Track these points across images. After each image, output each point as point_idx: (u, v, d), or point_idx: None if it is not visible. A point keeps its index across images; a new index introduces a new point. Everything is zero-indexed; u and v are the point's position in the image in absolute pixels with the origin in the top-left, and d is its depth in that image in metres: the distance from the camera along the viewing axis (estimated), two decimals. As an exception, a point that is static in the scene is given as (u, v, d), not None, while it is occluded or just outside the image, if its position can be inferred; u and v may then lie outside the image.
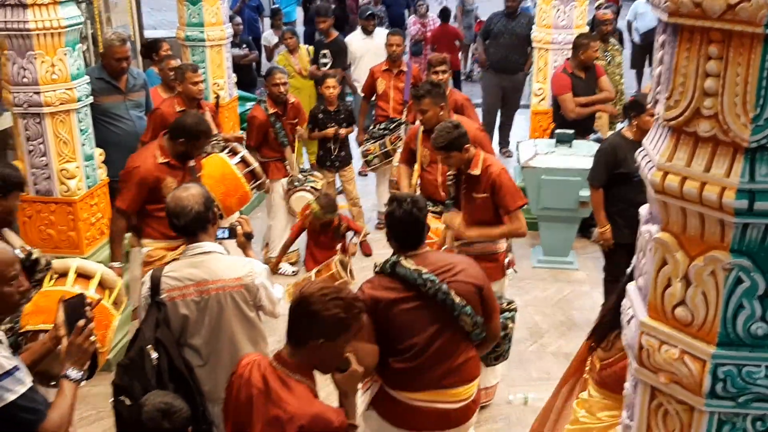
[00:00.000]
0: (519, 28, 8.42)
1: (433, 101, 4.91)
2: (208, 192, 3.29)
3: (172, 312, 3.17)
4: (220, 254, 3.26)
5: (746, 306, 1.67)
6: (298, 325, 2.55)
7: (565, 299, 5.98)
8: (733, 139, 1.59)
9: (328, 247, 5.26)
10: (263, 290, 3.24)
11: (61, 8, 4.65)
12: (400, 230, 3.23)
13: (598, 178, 5.09)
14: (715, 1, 1.53)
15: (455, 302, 3.10)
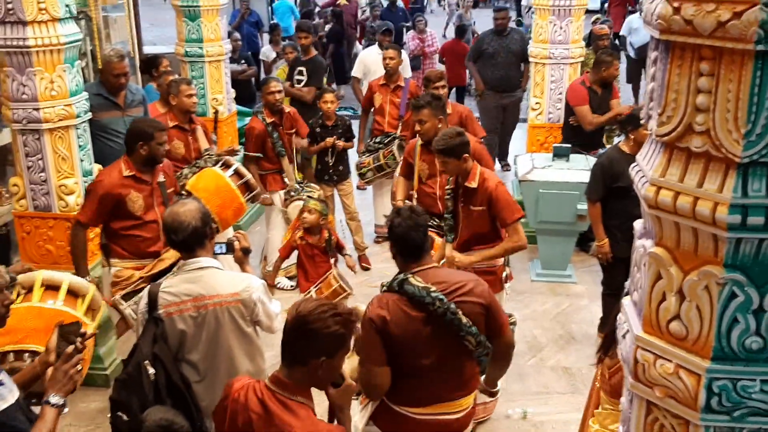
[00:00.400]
0: (513, 45, 8.38)
1: (432, 112, 4.94)
2: (205, 207, 3.29)
3: (170, 327, 3.17)
4: (218, 269, 3.25)
5: (740, 320, 1.68)
6: (297, 345, 2.51)
7: (563, 313, 5.98)
8: (725, 155, 1.60)
9: (320, 261, 5.23)
10: (260, 305, 3.23)
11: (61, 25, 4.67)
12: (402, 241, 3.20)
13: (595, 192, 5.11)
14: (706, 19, 1.55)
15: (462, 323, 3.08)
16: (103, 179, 4.42)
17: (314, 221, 5.10)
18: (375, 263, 6.72)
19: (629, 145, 5.01)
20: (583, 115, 6.53)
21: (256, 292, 3.22)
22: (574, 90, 6.62)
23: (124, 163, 4.46)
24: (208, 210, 3.25)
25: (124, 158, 4.49)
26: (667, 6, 1.62)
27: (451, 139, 4.27)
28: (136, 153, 4.43)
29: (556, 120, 7.09)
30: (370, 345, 3.09)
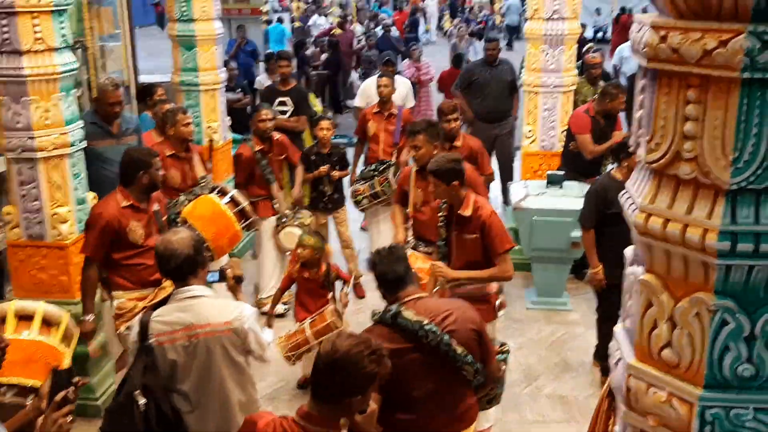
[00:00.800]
0: (504, 75, 8.30)
1: (427, 138, 4.96)
2: (198, 236, 3.28)
3: (161, 357, 3.14)
4: (210, 298, 3.22)
5: (732, 348, 1.68)
6: (334, 383, 2.49)
7: (559, 341, 5.95)
8: (713, 182, 1.61)
9: (319, 295, 5.20)
10: (252, 334, 3.19)
11: (57, 55, 4.69)
12: (387, 273, 3.23)
13: (588, 219, 5.12)
14: (692, 47, 1.57)
15: (457, 353, 3.07)
16: (102, 211, 4.39)
17: (308, 256, 5.09)
18: (369, 291, 6.69)
19: (622, 172, 5.03)
20: (584, 144, 6.57)
21: (247, 321, 3.19)
22: (577, 117, 6.65)
23: (120, 194, 4.44)
24: (202, 238, 3.24)
25: (120, 189, 4.47)
26: (653, 34, 1.64)
27: (445, 163, 4.29)
28: (137, 182, 4.43)
29: (549, 147, 7.13)
30: None
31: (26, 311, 3.72)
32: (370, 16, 21.37)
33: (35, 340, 3.60)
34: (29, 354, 3.46)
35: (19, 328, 3.66)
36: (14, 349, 3.49)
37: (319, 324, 4.86)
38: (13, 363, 3.43)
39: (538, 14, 6.84)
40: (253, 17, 16.27)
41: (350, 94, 15.22)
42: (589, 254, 5.15)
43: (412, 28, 20.37)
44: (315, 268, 5.15)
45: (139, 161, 4.42)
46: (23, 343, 3.56)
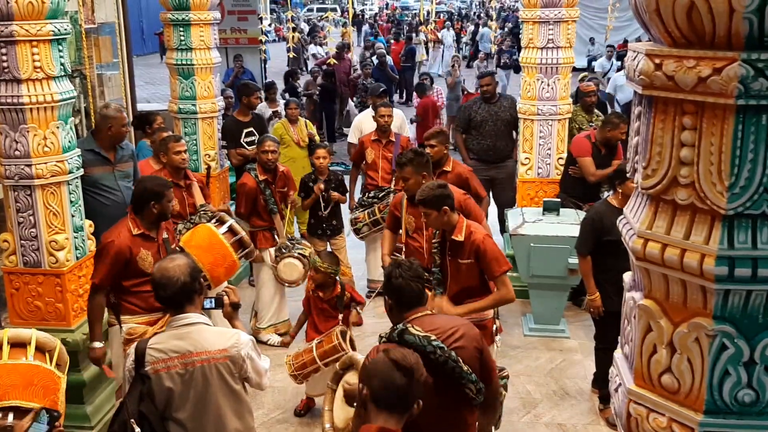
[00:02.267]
0: (503, 112, 7.67)
1: (414, 170, 4.98)
2: (194, 263, 3.26)
3: (157, 385, 3.11)
4: (206, 325, 3.19)
5: (732, 373, 1.68)
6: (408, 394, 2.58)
7: (557, 368, 5.93)
8: (710, 207, 1.62)
9: (330, 316, 5.21)
10: (249, 362, 3.16)
11: (55, 83, 4.72)
12: (400, 291, 3.22)
13: (585, 246, 5.13)
14: (687, 74, 1.59)
15: (463, 371, 3.08)
16: (114, 239, 4.39)
17: (321, 279, 5.13)
18: (367, 318, 6.67)
19: (618, 198, 5.05)
20: (586, 166, 6.61)
21: (245, 348, 3.15)
22: (578, 142, 6.70)
23: (131, 222, 4.47)
24: (197, 265, 3.22)
25: (131, 217, 4.50)
26: (648, 62, 1.66)
27: (432, 191, 4.29)
28: (148, 211, 4.46)
29: (545, 175, 7.17)
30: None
31: (20, 338, 3.71)
32: (366, 46, 21.57)
33: (33, 364, 3.60)
34: (28, 378, 3.46)
35: (14, 354, 3.65)
36: (13, 374, 3.50)
37: (326, 345, 4.88)
38: (14, 386, 3.43)
39: (532, 43, 6.92)
40: (250, 46, 16.40)
41: (347, 121, 15.32)
42: (586, 281, 5.15)
43: (407, 58, 20.52)
44: (329, 288, 5.17)
45: (151, 192, 4.45)
46: (21, 367, 3.56)
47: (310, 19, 35.11)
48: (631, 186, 4.98)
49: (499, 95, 7.85)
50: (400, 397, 2.56)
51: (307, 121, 8.41)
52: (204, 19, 7.08)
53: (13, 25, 4.48)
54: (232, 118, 8.01)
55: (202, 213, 5.60)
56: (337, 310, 5.19)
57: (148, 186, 4.52)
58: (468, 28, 31.97)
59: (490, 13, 31.22)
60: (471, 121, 7.79)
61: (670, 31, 1.63)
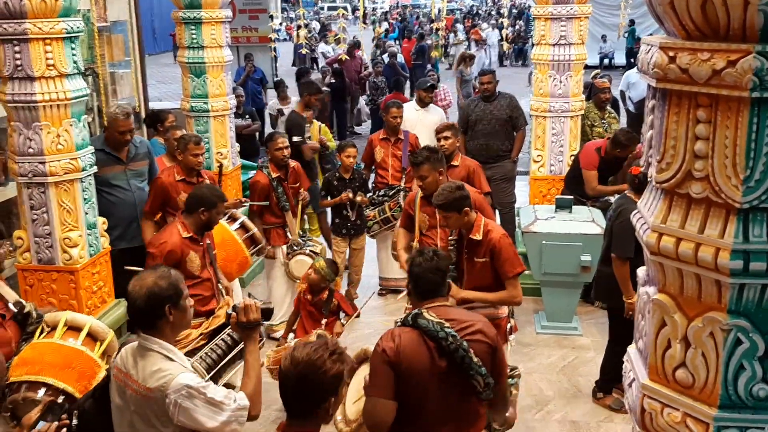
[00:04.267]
0: (498, 111, 7.51)
1: (431, 167, 4.96)
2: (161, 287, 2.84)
3: (111, 390, 2.93)
4: (160, 357, 2.82)
5: (747, 367, 1.66)
6: (305, 395, 2.51)
7: (570, 366, 5.90)
8: (725, 200, 1.61)
9: (316, 319, 5.19)
10: (178, 410, 2.73)
11: (68, 81, 4.76)
12: (418, 279, 3.24)
13: (627, 250, 4.93)
14: (701, 67, 1.58)
15: (473, 362, 3.06)
16: (166, 240, 4.44)
17: (316, 281, 5.10)
18: (375, 316, 6.68)
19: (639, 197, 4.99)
20: (589, 180, 6.57)
21: (173, 395, 2.72)
22: (587, 153, 6.63)
23: (181, 225, 4.52)
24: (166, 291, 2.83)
25: (181, 220, 4.55)
26: (662, 55, 1.65)
27: (451, 194, 4.27)
28: (196, 216, 4.50)
29: (558, 172, 7.14)
30: (380, 376, 3.04)
31: (76, 323, 3.85)
32: (376, 44, 21.57)
33: (77, 348, 3.74)
34: (68, 361, 3.65)
35: (65, 336, 3.77)
36: (55, 353, 3.65)
37: None
38: (52, 365, 3.57)
39: (544, 40, 6.89)
40: (261, 45, 16.44)
41: (358, 120, 15.33)
42: (624, 285, 4.97)
43: (418, 56, 20.49)
44: (318, 293, 5.15)
45: (205, 199, 4.50)
46: (65, 349, 3.72)
47: (321, 18, 35.14)
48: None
49: (498, 93, 7.67)
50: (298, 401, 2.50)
51: (322, 126, 8.11)
52: (216, 17, 7.10)
53: (27, 23, 4.51)
54: (295, 113, 8.03)
55: None
56: (322, 314, 5.17)
57: (205, 193, 4.56)
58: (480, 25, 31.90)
59: (501, 11, 31.11)
60: (468, 120, 7.69)
61: (684, 24, 1.62)
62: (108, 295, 5.28)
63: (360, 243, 6.92)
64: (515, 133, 7.57)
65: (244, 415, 2.84)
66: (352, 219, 6.77)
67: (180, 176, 5.62)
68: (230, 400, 2.80)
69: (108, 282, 5.27)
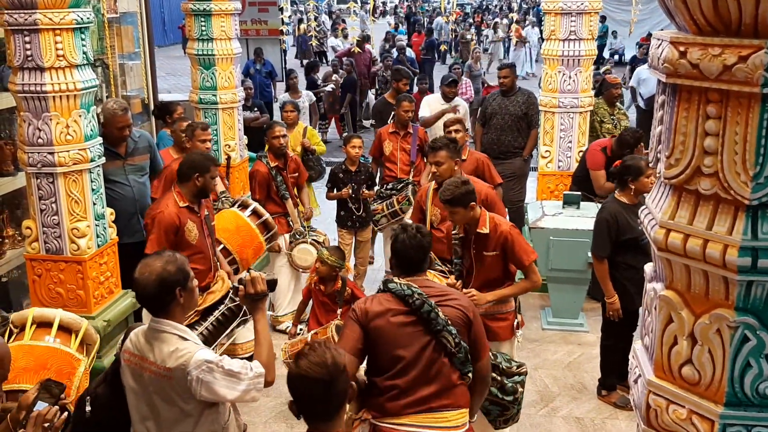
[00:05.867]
0: (513, 106, 7.52)
1: (448, 154, 4.98)
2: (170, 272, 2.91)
3: (123, 374, 3.00)
4: (176, 337, 2.91)
5: (753, 365, 1.66)
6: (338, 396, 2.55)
7: (575, 362, 5.90)
8: (734, 197, 1.60)
9: (330, 309, 5.21)
10: (200, 385, 2.83)
11: (77, 71, 4.77)
12: (402, 254, 3.37)
13: (603, 249, 5.02)
14: (712, 62, 1.57)
15: (439, 317, 3.17)
16: (162, 209, 4.48)
17: (325, 272, 5.12)
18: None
19: (628, 195, 5.00)
20: (597, 179, 6.56)
21: (194, 371, 2.82)
22: (593, 153, 6.61)
23: (177, 195, 4.56)
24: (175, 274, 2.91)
25: (176, 190, 4.58)
26: (673, 50, 1.64)
27: (457, 189, 4.27)
28: (191, 183, 4.54)
29: (566, 168, 7.12)
30: (347, 331, 3.23)
31: (45, 318, 3.77)
32: (386, 38, 21.54)
33: (51, 346, 3.64)
34: (42, 361, 3.50)
35: (37, 334, 3.70)
36: (29, 356, 3.53)
37: (321, 337, 4.89)
38: (26, 370, 3.47)
39: (554, 35, 6.87)
40: (270, 38, 16.42)
41: (367, 113, 15.31)
42: (604, 284, 5.04)
43: (428, 51, 20.45)
44: (331, 282, 5.17)
45: (198, 164, 4.55)
46: (37, 349, 3.60)
47: (333, 11, 35.07)
48: (645, 182, 4.96)
49: (518, 89, 7.66)
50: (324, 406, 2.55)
51: (308, 128, 8.00)
52: (225, 9, 7.10)
53: (37, 13, 4.52)
54: (383, 99, 8.31)
55: (223, 199, 5.65)
56: (336, 305, 5.19)
57: (196, 159, 4.61)
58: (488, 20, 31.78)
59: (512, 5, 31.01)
60: (485, 114, 7.75)
61: (696, 19, 1.61)
62: (115, 285, 5.29)
63: (365, 235, 6.93)
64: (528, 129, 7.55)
65: (261, 382, 2.94)
66: (358, 212, 6.78)
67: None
68: (247, 369, 2.90)
69: (115, 272, 5.29)
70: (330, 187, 6.82)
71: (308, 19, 14.84)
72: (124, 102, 5.87)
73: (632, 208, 4.99)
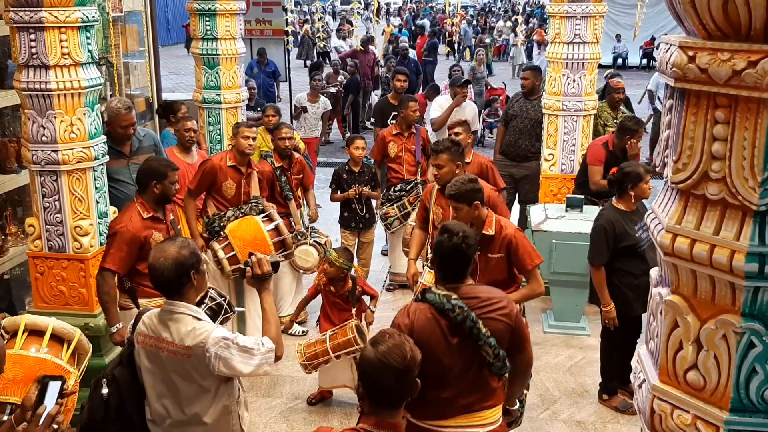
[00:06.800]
0: (534, 110, 7.54)
1: (450, 158, 4.97)
2: (185, 256, 3.08)
3: (137, 355, 3.16)
4: (191, 318, 3.08)
5: (759, 371, 1.65)
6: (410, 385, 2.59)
7: (577, 365, 5.89)
8: (742, 202, 1.60)
9: (343, 309, 5.23)
10: (219, 361, 3.00)
11: (82, 70, 4.76)
12: (444, 260, 3.27)
13: (600, 257, 5.02)
14: (721, 67, 1.57)
15: (481, 332, 3.11)
16: (126, 224, 4.40)
17: (334, 273, 5.12)
18: (383, 311, 6.67)
19: (626, 202, 5.00)
20: (592, 174, 6.54)
21: (212, 348, 2.99)
22: (593, 149, 6.60)
23: (140, 206, 4.50)
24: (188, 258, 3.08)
25: (139, 201, 4.52)
26: (682, 54, 1.64)
27: (463, 185, 4.29)
28: (149, 191, 4.49)
29: (569, 171, 7.11)
30: None
31: (37, 326, 3.69)
32: (389, 39, 21.55)
33: (41, 357, 3.57)
34: (32, 373, 3.34)
35: (28, 343, 3.63)
36: (18, 367, 3.46)
37: (340, 338, 4.89)
38: (15, 382, 3.39)
39: (559, 38, 6.86)
40: (274, 38, 16.43)
41: (369, 114, 15.31)
42: (600, 292, 5.03)
43: (430, 52, 20.46)
44: (340, 283, 5.17)
45: (153, 171, 4.49)
46: (27, 360, 3.51)
47: (336, 12, 35.10)
48: (645, 188, 4.95)
49: (540, 92, 7.56)
50: (395, 395, 2.59)
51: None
52: (230, 9, 7.10)
53: (43, 11, 4.52)
54: (384, 99, 8.48)
55: (253, 205, 5.63)
56: (349, 303, 5.20)
57: (153, 165, 4.55)
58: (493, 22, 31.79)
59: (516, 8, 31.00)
60: (507, 114, 7.80)
61: (705, 23, 1.61)
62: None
63: (369, 236, 6.93)
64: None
65: (272, 356, 3.11)
66: (361, 213, 6.78)
67: (231, 161, 5.64)
68: (259, 344, 3.08)
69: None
70: (334, 189, 6.82)
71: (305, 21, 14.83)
72: (128, 101, 5.86)
73: (630, 215, 4.98)
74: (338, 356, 4.89)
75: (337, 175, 6.78)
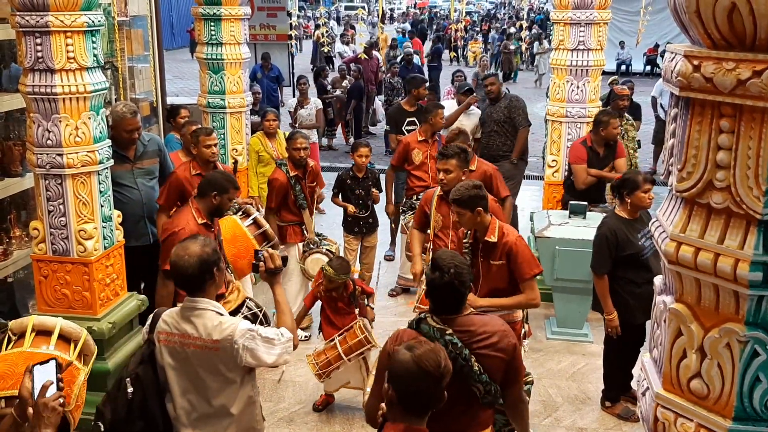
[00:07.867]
0: (496, 113, 7.93)
1: (459, 164, 5.01)
2: (208, 253, 3.22)
3: (159, 353, 3.24)
4: (214, 313, 3.22)
5: (763, 380, 1.65)
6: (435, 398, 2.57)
7: (579, 372, 5.88)
8: (746, 211, 1.60)
9: (345, 312, 5.23)
10: (246, 353, 3.14)
11: (88, 74, 4.78)
12: (438, 297, 3.17)
13: (603, 266, 5.01)
14: (726, 77, 1.57)
15: (473, 370, 3.05)
16: (184, 227, 4.48)
17: (332, 287, 5.13)
18: (386, 316, 6.68)
19: (626, 209, 5.00)
20: (578, 174, 6.56)
21: (240, 339, 3.13)
22: (573, 148, 6.69)
23: (195, 211, 4.59)
24: (210, 255, 3.22)
25: (195, 207, 4.61)
26: (687, 64, 1.64)
27: (467, 191, 4.29)
28: (207, 200, 4.59)
29: (572, 177, 7.12)
30: (380, 375, 3.10)
31: (45, 326, 3.73)
32: (392, 45, 21.58)
33: (51, 354, 3.61)
34: None
35: (36, 342, 3.67)
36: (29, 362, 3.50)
37: (350, 340, 4.91)
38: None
39: (563, 45, 6.87)
40: (278, 43, 16.47)
41: (373, 119, 15.33)
42: (603, 301, 5.03)
43: (434, 58, 20.48)
44: (340, 289, 5.18)
45: (218, 183, 4.62)
46: (38, 356, 3.56)
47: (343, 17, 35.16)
48: (642, 197, 4.96)
49: (504, 94, 8.06)
50: (427, 401, 2.57)
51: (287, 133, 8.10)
52: (235, 14, 7.12)
53: (49, 15, 4.54)
54: (398, 105, 8.50)
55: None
56: (351, 306, 5.21)
57: (218, 178, 4.68)
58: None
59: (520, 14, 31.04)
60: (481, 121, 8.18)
61: (710, 33, 1.61)
62: (121, 288, 5.30)
63: (372, 241, 6.94)
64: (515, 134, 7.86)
65: (291, 345, 3.28)
66: (364, 217, 6.79)
67: (196, 171, 5.64)
68: (279, 335, 3.23)
69: (121, 275, 5.29)
70: (336, 193, 6.83)
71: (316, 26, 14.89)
72: (133, 105, 5.88)
73: (632, 223, 4.98)
74: (350, 359, 4.93)
75: (341, 180, 6.79)
